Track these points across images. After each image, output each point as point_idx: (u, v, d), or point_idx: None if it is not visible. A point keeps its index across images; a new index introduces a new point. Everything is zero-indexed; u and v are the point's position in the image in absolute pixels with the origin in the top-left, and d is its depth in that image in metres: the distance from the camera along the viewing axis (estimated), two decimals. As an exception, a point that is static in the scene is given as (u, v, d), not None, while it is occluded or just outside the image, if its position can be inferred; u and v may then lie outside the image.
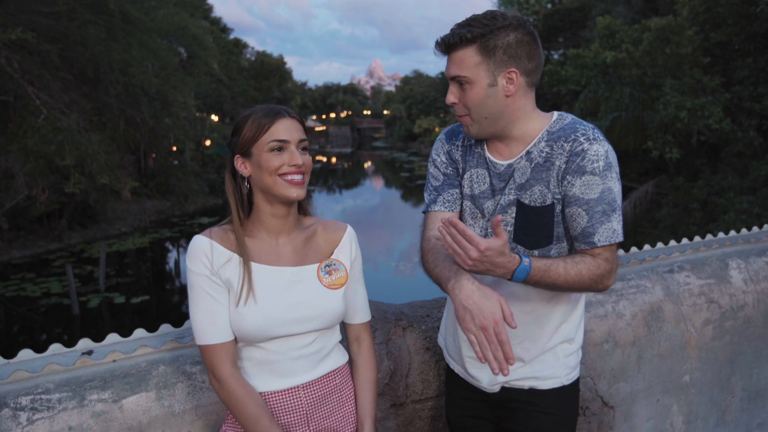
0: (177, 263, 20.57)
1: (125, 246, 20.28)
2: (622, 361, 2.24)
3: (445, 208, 1.70)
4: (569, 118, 1.57)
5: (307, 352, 1.49)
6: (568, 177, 1.48)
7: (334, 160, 62.24)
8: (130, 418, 1.58)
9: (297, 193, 1.44)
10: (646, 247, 2.65)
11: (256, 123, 1.44)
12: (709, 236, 2.76)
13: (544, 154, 1.52)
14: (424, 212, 1.77)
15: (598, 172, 1.46)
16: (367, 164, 61.01)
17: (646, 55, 16.85)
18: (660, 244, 2.68)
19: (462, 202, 1.70)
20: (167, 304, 16.13)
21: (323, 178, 46.76)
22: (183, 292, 17.63)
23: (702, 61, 16.40)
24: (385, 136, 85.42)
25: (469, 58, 1.48)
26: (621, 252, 2.57)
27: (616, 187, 1.49)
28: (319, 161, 59.31)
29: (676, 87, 15.94)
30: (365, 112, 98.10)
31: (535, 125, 1.56)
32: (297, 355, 1.48)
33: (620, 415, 2.28)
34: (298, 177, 1.45)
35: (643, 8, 23.94)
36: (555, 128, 1.54)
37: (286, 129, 1.44)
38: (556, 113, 1.60)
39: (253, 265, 1.47)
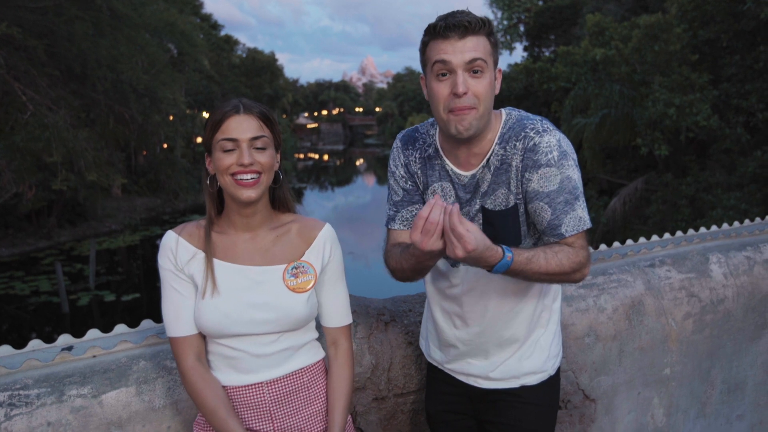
0: (168, 261, 20.46)
1: (115, 244, 20.18)
2: (604, 354, 2.26)
3: (404, 226, 1.66)
4: (516, 114, 1.55)
5: (269, 350, 1.46)
6: (526, 174, 1.47)
7: (326, 157, 62.13)
8: (110, 413, 1.58)
9: (247, 194, 1.38)
10: (628, 241, 2.67)
11: (211, 120, 1.41)
12: (690, 231, 2.78)
13: (499, 157, 1.51)
14: (386, 226, 1.71)
15: (554, 163, 1.45)
16: (359, 161, 60.98)
17: (635, 52, 16.92)
18: (642, 239, 2.70)
19: None
20: (158, 302, 15.95)
21: (315, 175, 46.67)
22: (174, 289, 17.52)
23: (690, 58, 16.48)
24: (377, 133, 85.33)
25: (484, 45, 1.43)
26: (603, 247, 2.58)
27: (575, 174, 1.47)
28: (311, 159, 59.14)
29: (665, 84, 16.01)
30: (357, 110, 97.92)
31: (492, 128, 1.53)
32: (259, 353, 1.45)
33: (602, 408, 2.30)
34: (247, 177, 1.38)
35: (633, 6, 24.02)
36: (505, 129, 1.52)
37: (236, 127, 1.37)
38: (504, 112, 1.56)
39: (217, 263, 1.44)
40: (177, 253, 1.44)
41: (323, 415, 1.55)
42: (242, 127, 1.38)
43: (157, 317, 1.92)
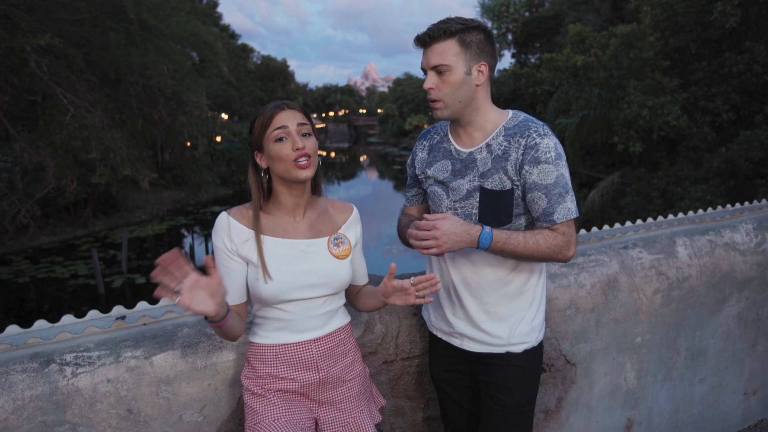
0: (192, 248, 20.55)
1: (145, 232, 20.23)
2: (583, 324, 2.31)
3: (409, 203, 1.91)
4: (522, 116, 1.65)
5: (318, 312, 1.56)
6: (525, 167, 1.56)
7: (332, 154, 61.87)
8: (160, 372, 1.65)
9: (305, 174, 1.49)
10: (605, 227, 2.72)
11: (261, 120, 1.50)
12: (660, 218, 2.82)
13: (502, 147, 1.60)
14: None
15: (552, 161, 1.55)
16: (363, 158, 60.72)
17: (613, 59, 16.88)
18: (617, 225, 2.75)
19: (429, 189, 1.78)
20: (183, 284, 16.13)
21: (323, 170, 46.30)
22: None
23: (662, 64, 16.44)
24: (379, 133, 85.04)
25: (450, 48, 1.56)
26: (583, 231, 2.64)
27: (566, 172, 1.58)
28: (319, 155, 58.54)
29: (639, 88, 15.97)
30: (361, 111, 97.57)
31: (493, 118, 1.64)
32: (310, 315, 1.55)
33: (581, 372, 2.36)
34: (303, 160, 1.48)
35: (611, 16, 23.91)
36: (511, 125, 1.62)
37: (285, 119, 1.49)
38: (510, 112, 1.67)
39: (269, 239, 1.52)
40: (230, 233, 1.50)
41: (353, 366, 1.66)
42: (290, 118, 1.49)
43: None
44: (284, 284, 1.49)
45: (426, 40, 1.58)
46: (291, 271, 1.51)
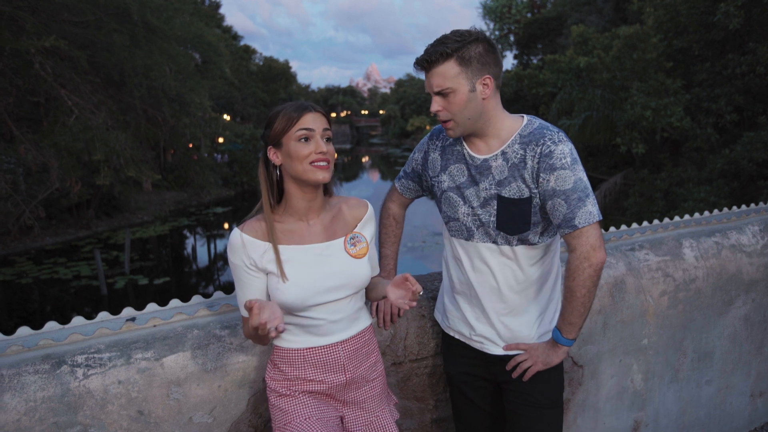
0: (194, 248, 20.61)
1: (147, 233, 20.29)
2: (590, 326, 2.31)
3: (401, 189, 1.94)
4: (537, 122, 1.62)
5: (343, 315, 1.57)
6: (542, 175, 1.54)
7: (334, 155, 61.79)
8: (170, 374, 1.65)
9: (323, 175, 1.48)
10: (612, 228, 2.72)
11: (286, 116, 1.48)
12: (666, 219, 2.82)
13: (518, 156, 1.58)
14: (396, 179, 1.98)
15: (568, 167, 1.53)
16: (365, 159, 60.75)
17: (616, 60, 16.90)
18: (624, 227, 2.74)
19: (443, 196, 1.76)
20: (186, 285, 16.19)
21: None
22: (200, 274, 17.70)
23: (665, 65, 16.46)
24: (381, 134, 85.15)
25: (449, 70, 1.53)
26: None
27: (584, 176, 1.56)
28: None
29: (642, 89, 15.99)
30: (363, 112, 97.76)
31: (507, 125, 1.62)
32: (336, 318, 1.56)
33: (588, 373, 2.36)
34: (322, 162, 1.48)
35: (614, 18, 23.92)
36: (526, 132, 1.60)
37: (311, 121, 1.48)
38: (525, 117, 1.65)
39: (286, 248, 1.51)
40: (247, 250, 1.50)
41: (376, 365, 1.69)
42: (316, 121, 1.49)
43: (185, 298, 1.97)
44: (306, 290, 1.49)
45: (424, 64, 1.57)
46: (311, 276, 1.51)
